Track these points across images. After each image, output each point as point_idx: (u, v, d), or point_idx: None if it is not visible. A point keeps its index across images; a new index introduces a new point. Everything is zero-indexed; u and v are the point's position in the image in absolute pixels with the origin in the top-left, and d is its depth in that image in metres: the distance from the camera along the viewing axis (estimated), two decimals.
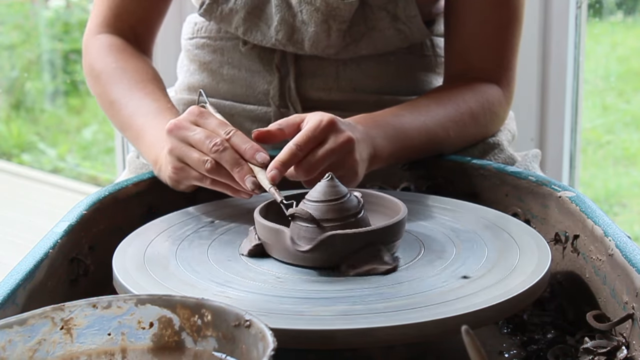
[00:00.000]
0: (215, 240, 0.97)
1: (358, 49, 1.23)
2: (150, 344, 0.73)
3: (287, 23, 1.21)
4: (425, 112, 1.17)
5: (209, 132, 1.01)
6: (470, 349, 0.62)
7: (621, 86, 2.91)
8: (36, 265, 0.89)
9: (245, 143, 1.00)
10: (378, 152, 1.09)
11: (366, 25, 1.22)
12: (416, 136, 1.15)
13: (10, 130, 3.47)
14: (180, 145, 1.02)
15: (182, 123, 1.02)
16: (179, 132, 1.02)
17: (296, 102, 1.26)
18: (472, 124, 1.21)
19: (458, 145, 1.21)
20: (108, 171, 3.22)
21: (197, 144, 1.00)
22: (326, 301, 0.83)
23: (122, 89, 1.21)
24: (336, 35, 1.21)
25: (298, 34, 1.22)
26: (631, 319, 0.84)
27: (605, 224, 0.93)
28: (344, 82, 1.27)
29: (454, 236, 0.97)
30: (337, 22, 1.20)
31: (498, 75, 1.24)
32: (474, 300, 0.82)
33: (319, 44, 1.22)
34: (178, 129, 1.02)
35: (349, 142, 1.02)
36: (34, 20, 3.58)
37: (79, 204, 1.03)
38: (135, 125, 1.16)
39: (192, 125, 1.02)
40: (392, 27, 1.23)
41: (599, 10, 2.36)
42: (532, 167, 1.24)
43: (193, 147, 1.01)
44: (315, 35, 1.21)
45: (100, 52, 1.27)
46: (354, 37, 1.22)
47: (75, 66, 3.44)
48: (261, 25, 1.23)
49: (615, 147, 2.84)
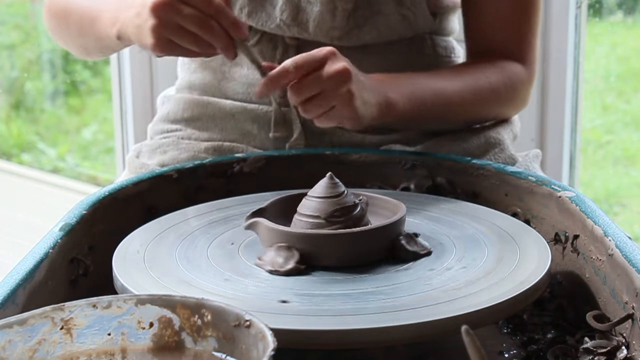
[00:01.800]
0: (215, 240, 0.97)
1: (362, 34, 1.24)
2: (150, 344, 0.73)
3: (293, 2, 1.23)
4: (441, 78, 1.21)
5: (199, 15, 1.05)
6: (470, 349, 0.62)
7: (621, 86, 2.91)
8: (36, 265, 0.89)
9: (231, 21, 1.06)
10: (390, 103, 1.14)
11: (371, 9, 1.23)
12: (430, 97, 1.19)
13: (10, 130, 3.47)
14: (169, 25, 1.06)
15: (168, 3, 1.05)
16: (165, 12, 1.05)
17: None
18: (492, 98, 1.24)
19: (477, 118, 1.25)
20: (108, 171, 3.22)
21: (191, 27, 1.05)
22: (326, 301, 0.83)
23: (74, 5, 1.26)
24: (341, 16, 1.22)
25: (303, 14, 1.23)
26: (631, 319, 0.84)
27: (605, 224, 0.93)
28: None
29: (454, 236, 0.97)
30: (342, 2, 1.21)
31: (520, 53, 1.27)
32: (474, 300, 0.82)
33: (324, 24, 1.23)
34: (164, 9, 1.05)
35: (344, 72, 1.06)
36: (34, 20, 3.58)
37: (79, 204, 1.03)
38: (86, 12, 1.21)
39: (179, 4, 1.05)
40: (396, 12, 1.23)
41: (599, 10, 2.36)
42: (532, 167, 1.24)
43: (183, 28, 1.05)
44: (320, 16, 1.22)
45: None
46: (358, 21, 1.23)
47: (75, 66, 3.44)
48: (266, 6, 1.24)
49: (615, 147, 2.84)
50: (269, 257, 0.90)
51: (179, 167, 1.15)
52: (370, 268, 0.90)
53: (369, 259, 0.91)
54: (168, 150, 1.26)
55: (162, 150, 1.27)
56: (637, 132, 2.90)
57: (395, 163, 1.19)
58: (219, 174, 1.17)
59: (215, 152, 1.24)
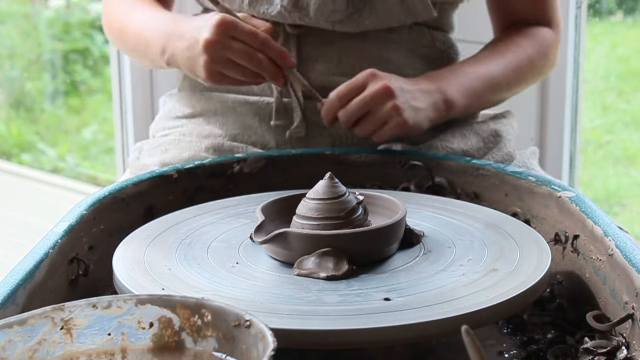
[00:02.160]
0: (215, 240, 0.97)
1: (362, 18, 1.25)
2: (150, 344, 0.73)
3: None
4: (486, 63, 1.27)
5: (247, 49, 1.14)
6: (470, 349, 0.62)
7: (621, 86, 2.91)
8: (36, 265, 0.89)
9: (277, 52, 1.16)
10: (449, 100, 1.21)
11: None
12: (481, 86, 1.25)
13: (10, 130, 3.47)
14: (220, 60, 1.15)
15: (218, 40, 1.14)
16: (216, 49, 1.14)
17: (297, 88, 1.27)
18: (529, 70, 1.31)
19: (517, 93, 1.32)
20: (108, 171, 3.22)
21: (240, 61, 1.15)
22: (326, 301, 0.83)
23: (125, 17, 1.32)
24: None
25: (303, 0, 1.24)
26: (631, 319, 0.84)
27: (605, 224, 0.93)
28: (346, 68, 1.28)
29: (454, 236, 0.97)
30: None
31: (546, 17, 1.34)
32: (474, 300, 0.82)
33: (325, 8, 1.24)
34: (215, 46, 1.14)
35: (385, 90, 1.16)
36: (34, 20, 3.58)
37: (79, 204, 1.03)
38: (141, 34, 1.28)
39: (228, 40, 1.14)
40: None
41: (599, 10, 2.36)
42: (530, 164, 1.24)
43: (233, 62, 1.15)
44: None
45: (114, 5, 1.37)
46: (357, 5, 1.24)
47: (75, 66, 3.44)
48: None
49: (615, 147, 2.84)
50: (314, 264, 0.88)
51: (178, 167, 1.15)
52: (377, 265, 0.90)
53: (392, 251, 0.93)
54: (169, 148, 1.27)
55: (163, 149, 1.27)
56: (637, 132, 2.90)
57: (395, 163, 1.19)
58: (219, 174, 1.17)
59: (215, 151, 1.25)
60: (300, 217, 0.93)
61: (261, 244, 0.91)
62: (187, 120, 1.32)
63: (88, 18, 3.42)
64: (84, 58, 3.40)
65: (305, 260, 0.89)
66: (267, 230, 0.92)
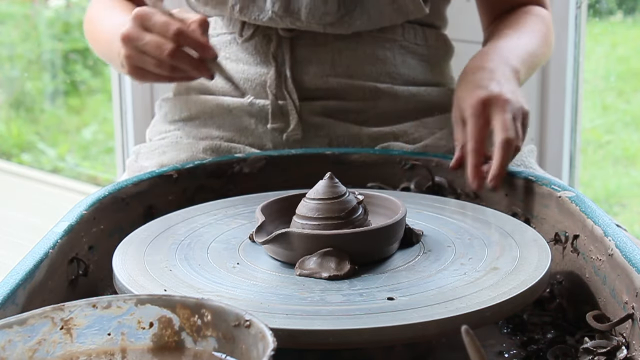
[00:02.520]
0: (215, 241, 0.97)
1: (353, 19, 1.24)
2: (150, 344, 0.73)
3: None
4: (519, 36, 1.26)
5: (158, 40, 1.09)
6: (470, 349, 0.62)
7: (621, 86, 2.91)
8: (36, 265, 0.89)
9: (194, 43, 1.09)
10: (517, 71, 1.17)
11: None
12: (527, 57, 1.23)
13: (10, 130, 3.47)
14: (134, 54, 1.11)
15: (131, 33, 1.10)
16: (130, 42, 1.11)
17: (292, 91, 1.27)
18: (547, 44, 1.31)
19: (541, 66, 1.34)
20: (108, 171, 3.22)
21: (151, 52, 1.09)
22: (326, 301, 0.83)
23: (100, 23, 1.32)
24: (332, 1, 1.23)
25: (294, 3, 1.24)
26: (631, 319, 0.84)
27: (605, 224, 0.93)
28: (340, 69, 1.28)
29: (454, 236, 0.97)
30: None
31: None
32: (474, 300, 0.82)
33: (316, 11, 1.23)
34: (129, 40, 1.11)
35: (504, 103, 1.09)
36: (34, 20, 3.58)
37: (79, 204, 1.03)
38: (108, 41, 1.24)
39: (141, 32, 1.10)
40: None
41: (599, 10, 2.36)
42: (528, 163, 1.24)
43: (147, 54, 1.10)
44: (312, 3, 1.23)
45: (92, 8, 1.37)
46: (348, 6, 1.24)
47: (75, 66, 3.44)
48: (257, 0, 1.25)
49: (615, 147, 2.84)
50: (316, 264, 0.88)
51: (178, 167, 1.15)
52: (378, 265, 0.90)
53: (392, 251, 0.93)
54: (167, 151, 1.26)
55: (160, 151, 1.27)
56: (637, 132, 2.90)
57: (395, 163, 1.19)
58: (219, 174, 1.17)
59: (213, 152, 1.24)
60: (301, 217, 0.93)
61: (262, 244, 0.91)
62: (184, 124, 1.32)
63: None
64: (84, 58, 3.40)
65: (307, 260, 0.89)
66: (268, 230, 0.92)
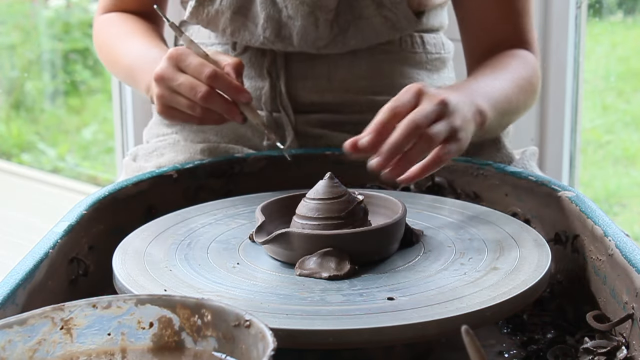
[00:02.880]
0: (215, 240, 0.97)
1: (347, 40, 1.23)
2: (150, 344, 0.73)
3: (274, 19, 1.22)
4: (495, 78, 1.15)
5: (192, 81, 1.08)
6: (470, 349, 0.62)
7: (621, 86, 2.91)
8: (36, 265, 0.89)
9: (227, 86, 1.08)
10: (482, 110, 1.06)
11: (352, 14, 1.22)
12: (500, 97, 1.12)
13: (10, 130, 3.47)
14: (167, 94, 1.10)
15: (166, 73, 1.10)
16: (164, 82, 1.10)
17: (288, 106, 1.26)
18: (529, 89, 1.21)
19: (520, 114, 1.21)
20: (108, 171, 3.22)
21: (184, 93, 1.09)
22: (326, 301, 0.83)
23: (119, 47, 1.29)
24: (324, 26, 1.21)
25: (285, 30, 1.22)
26: (631, 319, 0.84)
27: (605, 224, 0.93)
28: (336, 84, 1.27)
29: (454, 236, 0.97)
30: (323, 12, 1.21)
31: (524, 40, 1.25)
32: (474, 300, 0.82)
33: (308, 37, 1.22)
34: (163, 80, 1.10)
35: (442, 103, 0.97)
36: (34, 20, 3.58)
37: (79, 204, 1.03)
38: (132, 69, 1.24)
39: (175, 73, 1.09)
40: (378, 14, 1.23)
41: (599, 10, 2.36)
42: (529, 166, 1.24)
43: (181, 95, 1.09)
44: (303, 29, 1.21)
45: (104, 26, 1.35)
46: (341, 27, 1.22)
47: (75, 66, 3.44)
48: (248, 25, 1.23)
49: (615, 147, 2.84)
50: (316, 264, 0.88)
51: (178, 167, 1.15)
52: (378, 265, 0.90)
53: (392, 251, 0.93)
54: (165, 152, 1.26)
55: (159, 153, 1.27)
56: (637, 132, 2.90)
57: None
58: (219, 174, 1.17)
59: (211, 154, 1.24)
60: (301, 217, 0.93)
61: (262, 244, 0.91)
62: (182, 127, 1.31)
63: (88, 18, 3.42)
64: (84, 58, 3.40)
65: (307, 260, 0.89)
66: (268, 230, 0.92)
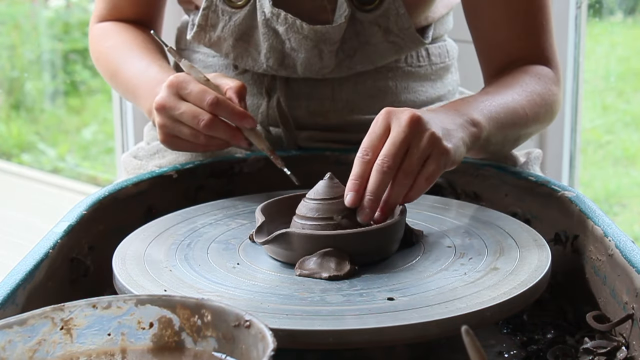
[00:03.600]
0: (215, 241, 0.97)
1: (353, 63, 1.20)
2: (150, 344, 0.73)
3: (276, 50, 1.19)
4: (500, 94, 1.11)
5: (194, 110, 1.06)
6: (470, 349, 0.62)
7: (621, 86, 2.91)
8: (36, 266, 0.89)
9: (230, 113, 1.06)
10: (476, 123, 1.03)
11: (359, 40, 1.19)
12: (502, 111, 1.08)
13: (10, 130, 3.47)
14: (169, 123, 1.08)
15: (167, 102, 1.07)
16: (165, 111, 1.08)
17: (289, 122, 1.23)
18: (542, 104, 1.15)
19: (531, 132, 1.16)
20: (108, 171, 3.22)
21: (187, 122, 1.07)
22: (327, 301, 0.83)
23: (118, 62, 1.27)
24: (328, 57, 1.18)
25: (289, 59, 1.19)
26: (631, 319, 0.84)
27: (605, 224, 0.93)
28: (341, 104, 1.24)
29: (454, 236, 0.97)
30: (327, 45, 1.17)
31: (542, 56, 1.19)
32: (474, 300, 0.82)
33: (312, 67, 1.19)
34: (164, 109, 1.08)
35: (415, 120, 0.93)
36: (34, 20, 3.58)
37: (79, 204, 1.03)
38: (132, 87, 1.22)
39: (177, 101, 1.07)
40: (385, 40, 1.20)
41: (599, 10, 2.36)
42: (533, 171, 1.23)
43: (183, 124, 1.07)
44: (307, 60, 1.19)
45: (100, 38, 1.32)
46: (347, 52, 1.20)
47: (75, 66, 3.44)
48: (251, 51, 1.21)
49: (615, 147, 2.84)
50: (316, 264, 0.88)
51: (179, 167, 1.15)
52: (378, 265, 0.90)
53: (392, 251, 0.93)
54: (166, 154, 1.26)
55: (160, 155, 1.26)
56: (637, 132, 2.90)
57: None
58: (219, 174, 1.17)
59: (212, 154, 1.24)
60: (300, 217, 0.93)
61: (262, 244, 0.91)
62: None
63: (88, 18, 3.40)
64: (84, 58, 3.40)
65: (307, 260, 0.89)
66: (268, 230, 0.92)
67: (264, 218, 0.93)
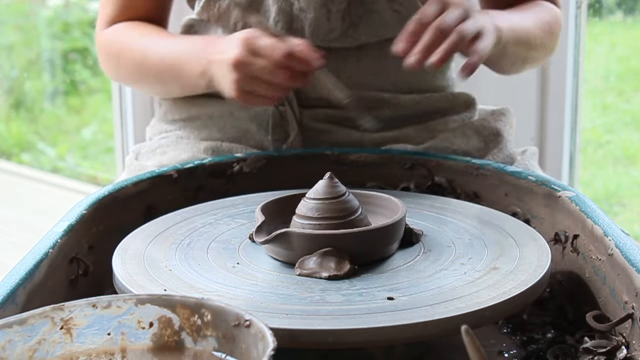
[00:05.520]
0: (215, 240, 0.97)
1: (358, 34, 1.24)
2: (150, 343, 0.73)
3: (285, 12, 1.23)
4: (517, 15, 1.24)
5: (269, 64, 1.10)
6: (470, 349, 0.62)
7: (621, 86, 2.91)
8: (36, 265, 0.89)
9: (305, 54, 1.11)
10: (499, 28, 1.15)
11: (364, 8, 1.23)
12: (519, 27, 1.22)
13: (9, 129, 3.47)
14: (246, 79, 1.11)
15: (243, 58, 1.11)
16: (242, 67, 1.11)
17: (293, 100, 1.26)
18: (550, 32, 1.29)
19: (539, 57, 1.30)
20: (108, 171, 3.22)
21: (264, 77, 1.11)
22: (326, 300, 0.83)
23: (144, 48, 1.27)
24: (336, 17, 1.23)
25: (297, 22, 1.23)
26: (631, 319, 0.84)
27: (605, 223, 0.93)
28: (344, 79, 1.25)
29: (454, 236, 0.97)
30: (335, 4, 1.22)
31: None
32: (474, 300, 0.82)
33: (320, 29, 1.23)
34: (241, 65, 1.11)
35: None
36: (33, 20, 3.58)
37: (79, 203, 1.03)
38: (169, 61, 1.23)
39: (251, 57, 1.11)
40: (389, 7, 1.24)
41: (599, 10, 2.36)
42: (530, 166, 1.24)
43: (259, 79, 1.11)
44: (316, 21, 1.22)
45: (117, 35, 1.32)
46: (353, 20, 1.23)
47: (75, 66, 3.44)
48: (259, 20, 1.23)
49: (615, 147, 2.84)
50: (316, 264, 0.89)
51: (178, 167, 1.15)
52: (378, 264, 0.90)
53: (392, 251, 0.93)
54: (167, 151, 1.26)
55: (161, 151, 1.27)
56: (637, 132, 2.90)
57: (395, 163, 1.19)
58: (219, 173, 1.17)
59: (214, 152, 1.24)
60: (300, 217, 0.93)
61: (262, 244, 0.91)
62: (184, 123, 1.31)
63: (87, 17, 3.42)
64: (84, 57, 3.40)
65: (307, 260, 0.89)
66: (268, 230, 0.92)
67: (263, 218, 0.93)
